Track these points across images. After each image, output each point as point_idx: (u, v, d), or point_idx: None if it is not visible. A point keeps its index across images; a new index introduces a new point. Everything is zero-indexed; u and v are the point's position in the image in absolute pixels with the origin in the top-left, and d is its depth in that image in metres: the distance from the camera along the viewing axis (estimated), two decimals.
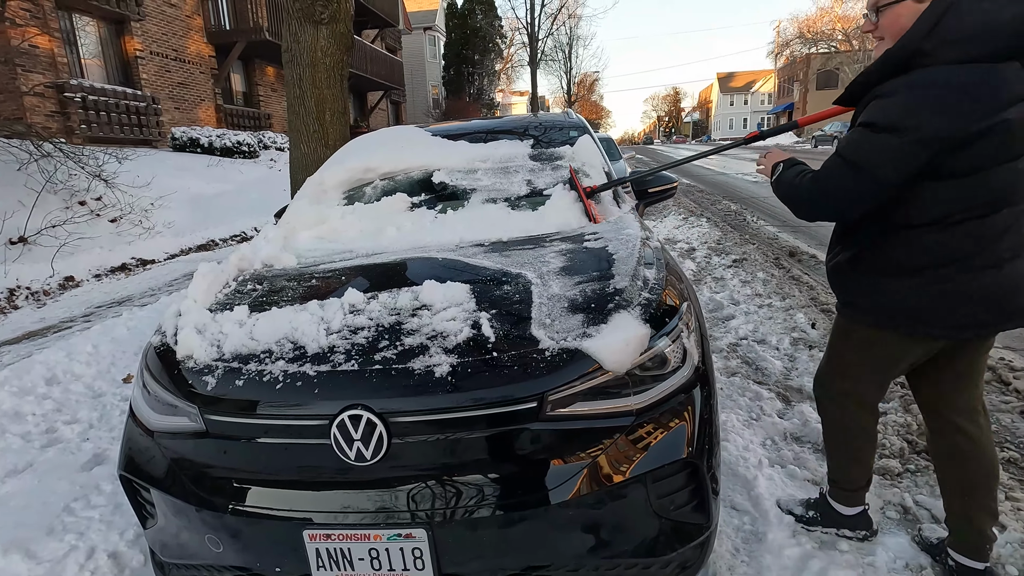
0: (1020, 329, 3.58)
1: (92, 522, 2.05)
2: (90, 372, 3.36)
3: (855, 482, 1.74)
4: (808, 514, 1.81)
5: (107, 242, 7.07)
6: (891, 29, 1.34)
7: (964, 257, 1.32)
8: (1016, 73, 1.21)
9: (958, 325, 1.39)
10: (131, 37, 11.50)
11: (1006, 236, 1.31)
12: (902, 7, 1.31)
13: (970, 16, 1.21)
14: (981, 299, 1.34)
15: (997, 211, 1.29)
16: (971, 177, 1.27)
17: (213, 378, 1.40)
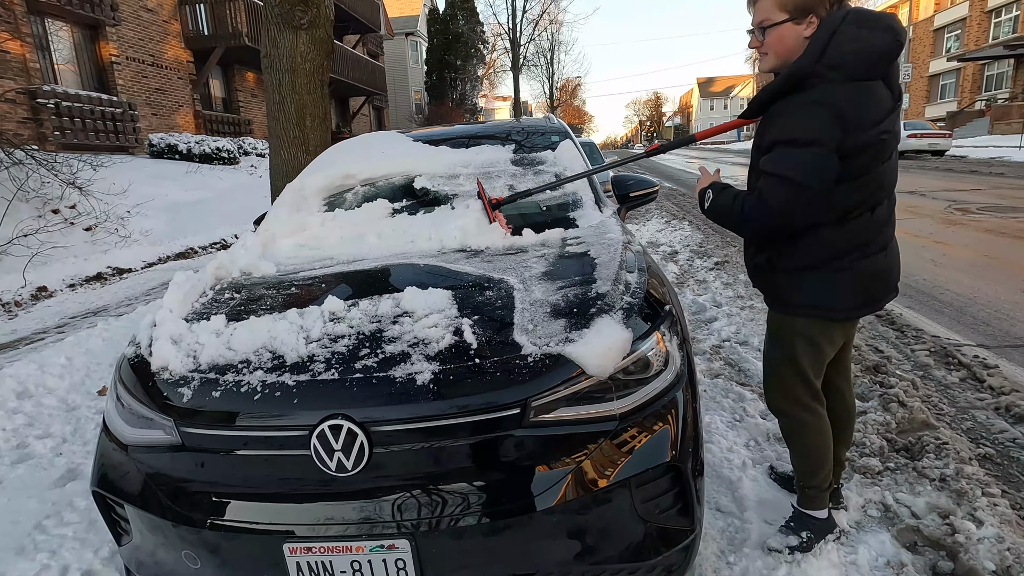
0: (995, 326, 3.67)
1: (65, 540, 1.98)
2: (63, 385, 3.27)
3: (828, 479, 1.76)
4: (803, 540, 1.73)
5: (82, 251, 6.92)
6: (775, 47, 1.48)
7: (863, 245, 1.52)
8: (884, 90, 1.43)
9: (866, 303, 1.59)
10: (106, 42, 11.31)
11: (888, 223, 1.56)
12: (784, 28, 1.45)
13: (848, 44, 1.37)
14: (875, 278, 1.56)
15: (881, 203, 1.52)
16: (863, 178, 1.45)
17: (189, 390, 1.37)
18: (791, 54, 1.46)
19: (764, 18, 1.47)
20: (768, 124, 1.49)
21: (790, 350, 1.64)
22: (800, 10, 1.42)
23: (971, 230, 6.61)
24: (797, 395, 1.68)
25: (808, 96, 1.40)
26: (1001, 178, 11.72)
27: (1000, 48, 25.04)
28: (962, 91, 30.18)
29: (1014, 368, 3.01)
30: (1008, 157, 16.11)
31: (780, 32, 1.45)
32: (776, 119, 1.46)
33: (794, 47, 1.45)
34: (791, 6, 1.42)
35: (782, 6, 1.43)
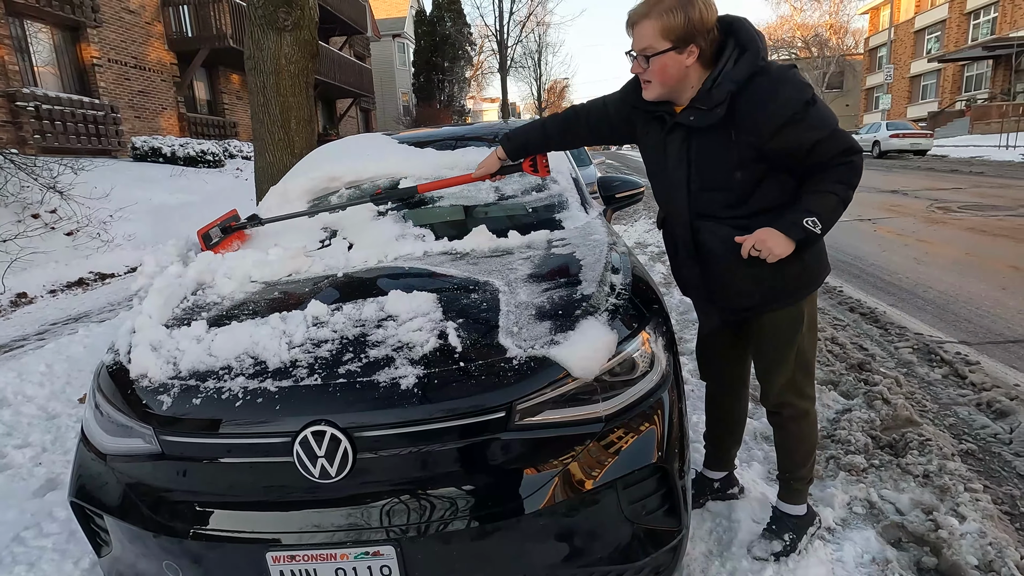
0: (976, 323, 3.73)
1: (44, 552, 1.94)
2: (43, 393, 3.21)
3: (813, 469, 1.80)
4: (786, 543, 1.73)
5: (63, 256, 6.80)
6: (659, 76, 1.44)
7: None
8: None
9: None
10: (87, 44, 11.14)
11: None
12: (667, 57, 1.41)
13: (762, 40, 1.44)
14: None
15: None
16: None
17: (169, 397, 1.35)
18: (676, 83, 1.44)
19: (647, 45, 1.42)
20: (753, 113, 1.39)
21: (798, 341, 1.62)
22: (682, 40, 1.39)
23: (952, 228, 6.72)
24: (802, 386, 1.68)
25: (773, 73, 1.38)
26: (981, 177, 11.92)
27: (979, 49, 25.53)
28: (943, 91, 30.70)
29: (995, 364, 3.06)
30: (988, 156, 16.41)
31: (663, 61, 1.41)
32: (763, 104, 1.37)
33: (678, 76, 1.43)
34: (673, 36, 1.39)
35: (665, 35, 1.39)
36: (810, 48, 36.85)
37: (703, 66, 1.43)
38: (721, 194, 1.51)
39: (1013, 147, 17.15)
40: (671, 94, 1.48)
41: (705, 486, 1.99)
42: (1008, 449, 2.30)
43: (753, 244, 1.44)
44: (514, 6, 28.89)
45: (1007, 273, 4.71)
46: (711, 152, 1.48)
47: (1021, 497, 2.01)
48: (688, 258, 1.62)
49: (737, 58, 1.40)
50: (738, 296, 1.59)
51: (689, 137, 1.50)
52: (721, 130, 1.44)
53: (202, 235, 1.83)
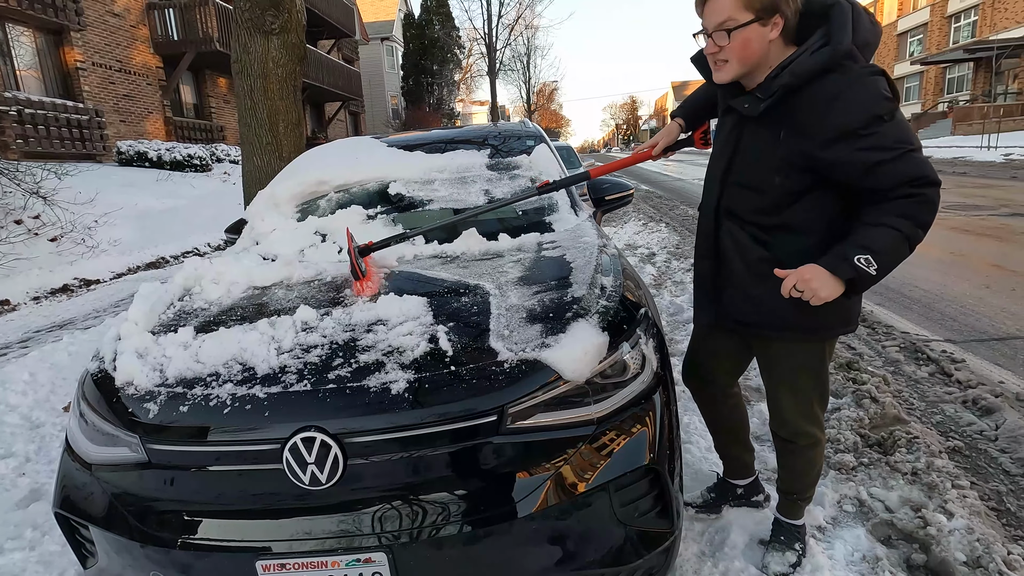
0: (961, 321, 3.77)
1: (29, 564, 1.91)
2: (27, 402, 3.16)
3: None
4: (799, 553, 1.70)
5: (47, 262, 6.70)
6: (740, 52, 1.29)
7: None
8: None
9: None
10: (71, 48, 11.01)
11: None
12: (750, 30, 1.26)
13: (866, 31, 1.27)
14: None
15: None
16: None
17: (155, 405, 1.33)
18: (757, 59, 1.30)
19: (727, 18, 1.26)
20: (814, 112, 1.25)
21: (823, 376, 1.54)
22: (767, 9, 1.24)
23: (937, 228, 6.78)
24: (818, 416, 1.60)
25: (852, 74, 1.22)
26: (964, 177, 12.11)
27: (960, 52, 25.95)
28: (925, 93, 31.18)
29: (980, 362, 3.10)
30: (970, 157, 16.67)
31: (745, 35, 1.26)
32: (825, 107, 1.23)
33: (759, 52, 1.29)
34: (758, 5, 1.24)
35: (748, 5, 1.24)
36: None
37: (785, 44, 1.29)
38: (754, 195, 1.38)
39: (994, 148, 17.44)
40: (748, 75, 1.33)
41: (728, 491, 1.90)
42: (994, 446, 2.33)
43: (795, 283, 1.26)
44: (503, 9, 28.95)
45: (990, 272, 4.78)
46: (756, 147, 1.36)
47: (1007, 493, 2.04)
48: (705, 252, 1.55)
49: (818, 48, 1.24)
50: (736, 307, 1.51)
51: (741, 124, 1.39)
52: (771, 125, 1.31)
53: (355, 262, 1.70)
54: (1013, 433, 2.36)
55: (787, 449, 1.66)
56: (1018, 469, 2.16)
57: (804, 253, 1.32)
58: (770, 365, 1.58)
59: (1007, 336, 3.43)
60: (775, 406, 1.61)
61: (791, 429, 1.60)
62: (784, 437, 1.63)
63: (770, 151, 1.33)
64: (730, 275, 1.49)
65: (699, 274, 1.62)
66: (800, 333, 1.45)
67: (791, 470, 1.68)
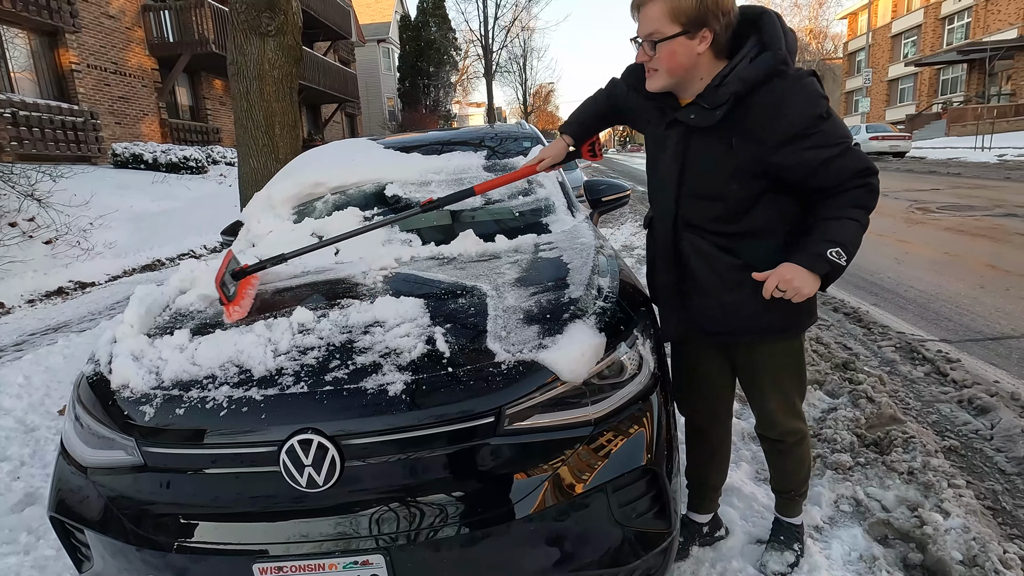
0: (956, 321, 3.78)
1: (23, 568, 1.90)
2: (21, 405, 3.14)
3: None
4: (797, 553, 1.71)
5: (41, 265, 6.67)
6: (667, 64, 1.31)
7: None
8: None
9: None
10: (66, 49, 10.98)
11: None
12: (677, 43, 1.28)
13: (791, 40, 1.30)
14: None
15: None
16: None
17: (151, 408, 1.32)
18: (684, 73, 1.31)
19: (654, 30, 1.28)
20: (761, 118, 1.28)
21: (803, 371, 1.57)
22: (694, 23, 1.25)
23: (932, 228, 6.85)
24: (800, 410, 1.62)
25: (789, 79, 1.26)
26: (958, 178, 12.18)
27: (954, 53, 26.11)
28: (920, 95, 31.36)
29: (975, 361, 3.12)
30: (964, 158, 16.76)
31: (672, 47, 1.28)
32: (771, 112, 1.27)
33: (687, 65, 1.30)
34: (684, 18, 1.25)
35: (674, 17, 1.25)
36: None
37: (716, 57, 1.30)
38: (712, 204, 1.38)
39: (988, 148, 17.55)
40: (677, 86, 1.35)
41: (694, 532, 1.81)
42: (989, 445, 2.34)
43: (777, 284, 1.28)
44: (499, 11, 29.04)
45: (985, 272, 4.80)
46: (708, 156, 1.36)
47: (1003, 492, 2.04)
48: (665, 265, 1.52)
49: (755, 56, 1.26)
50: (705, 318, 1.48)
51: (687, 136, 1.37)
52: (722, 134, 1.32)
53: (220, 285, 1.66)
54: (1008, 432, 2.37)
55: (776, 449, 1.67)
56: (1013, 468, 2.17)
57: (775, 254, 1.34)
58: (753, 370, 1.57)
59: (1002, 336, 3.45)
60: (763, 410, 1.61)
61: (780, 429, 1.61)
62: (773, 438, 1.64)
63: (723, 160, 1.33)
64: (696, 285, 1.46)
65: (660, 287, 1.57)
66: (778, 333, 1.47)
67: (783, 469, 1.70)
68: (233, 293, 1.65)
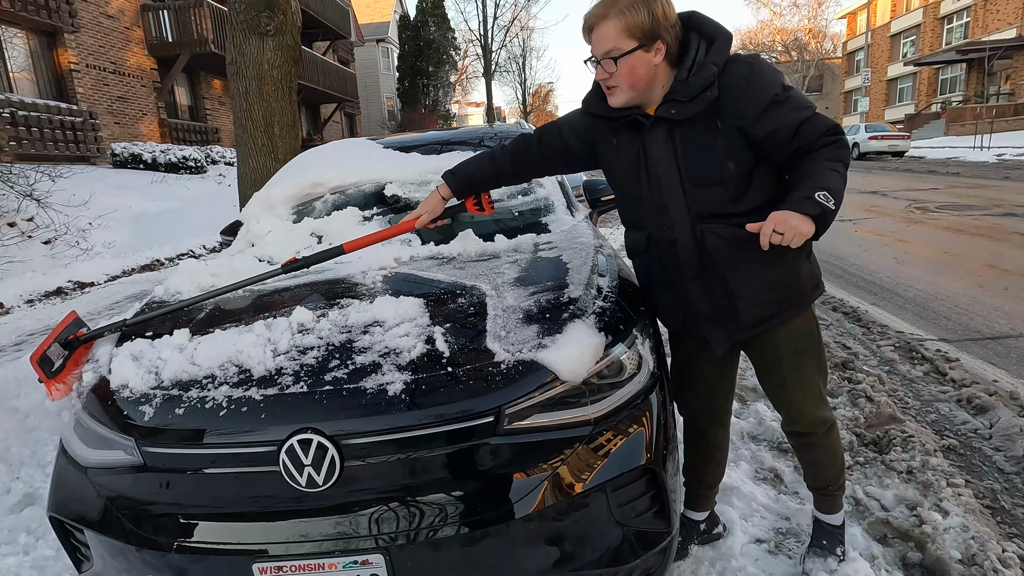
0: (955, 320, 3.79)
1: (23, 569, 1.90)
2: (20, 405, 3.13)
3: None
4: (840, 556, 1.67)
5: (40, 265, 6.67)
6: (628, 79, 1.35)
7: None
8: None
9: None
10: (65, 49, 10.97)
11: None
12: (635, 57, 1.32)
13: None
14: None
15: None
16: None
17: (151, 407, 1.32)
18: (645, 84, 1.36)
19: (611, 47, 1.32)
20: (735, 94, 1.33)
21: (822, 351, 1.55)
22: (649, 36, 1.31)
23: (931, 228, 6.85)
24: (825, 397, 1.58)
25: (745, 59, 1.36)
26: (957, 177, 12.19)
27: (953, 53, 26.13)
28: (919, 94, 31.37)
29: (973, 361, 3.12)
30: (963, 157, 16.78)
31: (631, 62, 1.32)
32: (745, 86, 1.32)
33: (647, 77, 1.35)
34: (640, 33, 1.30)
35: (630, 33, 1.30)
36: (790, 52, 37.48)
37: (669, 65, 1.37)
38: (718, 189, 1.39)
39: (987, 148, 17.56)
40: (640, 97, 1.39)
41: (691, 530, 1.82)
42: (988, 444, 2.35)
43: (774, 228, 1.27)
44: (498, 11, 29.05)
45: (983, 271, 4.81)
46: (698, 144, 1.38)
47: (1002, 491, 2.05)
48: (693, 272, 1.45)
49: (708, 48, 1.35)
50: (754, 306, 1.43)
51: (672, 133, 1.39)
52: (706, 119, 1.35)
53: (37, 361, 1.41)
54: (1007, 431, 2.37)
55: (806, 444, 1.64)
56: (1012, 467, 2.18)
57: None
58: (774, 361, 1.54)
59: (1001, 335, 3.45)
60: (787, 402, 1.58)
61: (808, 421, 1.58)
62: (801, 431, 1.61)
63: (712, 142, 1.37)
64: (736, 273, 1.41)
65: (689, 302, 1.50)
66: (797, 308, 1.48)
67: (816, 464, 1.66)
68: (59, 367, 1.43)
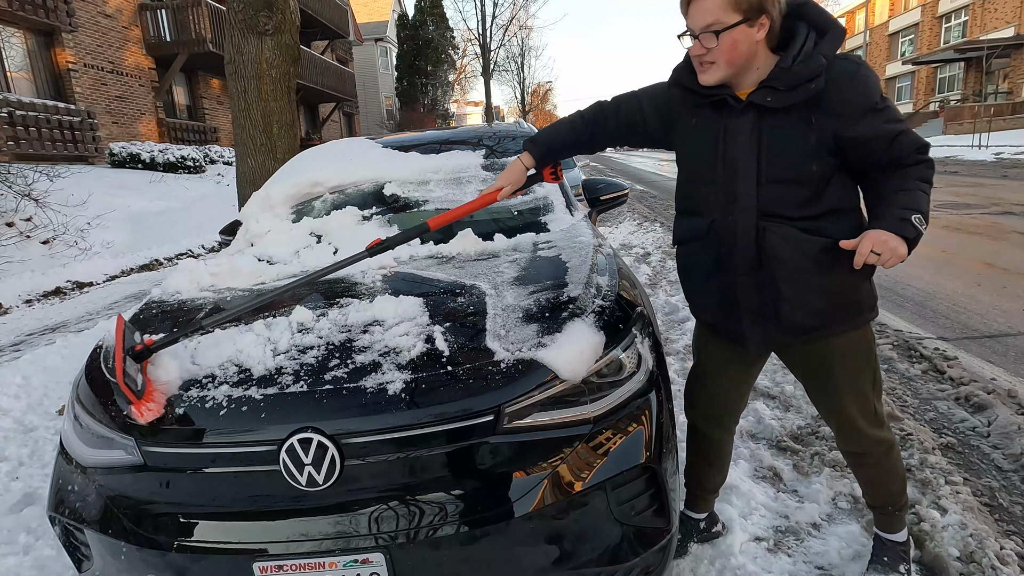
0: (953, 319, 3.79)
1: (23, 568, 1.90)
2: (19, 405, 3.14)
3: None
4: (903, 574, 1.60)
5: (39, 265, 6.66)
6: (728, 54, 1.27)
7: None
8: None
9: None
10: (62, 49, 10.94)
11: None
12: (738, 32, 1.25)
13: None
14: None
15: None
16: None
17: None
18: (744, 62, 1.29)
19: (713, 20, 1.25)
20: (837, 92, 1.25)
21: (877, 368, 1.49)
22: (755, 9, 1.24)
23: (929, 227, 6.85)
24: (882, 416, 1.51)
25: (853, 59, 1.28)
26: (955, 176, 12.20)
27: (951, 52, 26.16)
28: (917, 93, 31.41)
29: (971, 359, 3.13)
30: (961, 156, 16.80)
31: (733, 36, 1.25)
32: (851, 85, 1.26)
33: (747, 54, 1.28)
34: (745, 5, 1.23)
35: (735, 6, 1.24)
36: None
37: (769, 47, 1.30)
38: (793, 188, 1.32)
39: (985, 147, 17.59)
40: (734, 77, 1.32)
41: (691, 528, 1.81)
42: (986, 442, 2.35)
43: (872, 247, 1.22)
44: (496, 10, 29.01)
45: (982, 270, 4.82)
46: (786, 138, 1.30)
47: (1000, 489, 2.05)
48: (746, 266, 1.39)
49: (817, 39, 1.28)
50: (798, 311, 1.37)
51: (761, 121, 1.32)
52: (800, 113, 1.28)
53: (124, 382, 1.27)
54: (1005, 429, 2.38)
55: (862, 463, 1.57)
56: (1010, 465, 2.18)
57: (857, 229, 1.33)
58: (823, 371, 1.47)
59: (998, 333, 3.46)
60: (841, 421, 1.51)
61: (865, 440, 1.51)
62: (858, 452, 1.54)
63: (801, 139, 1.30)
64: (788, 277, 1.36)
65: (733, 296, 1.44)
66: (855, 322, 1.43)
67: (874, 482, 1.60)
68: (142, 385, 1.30)
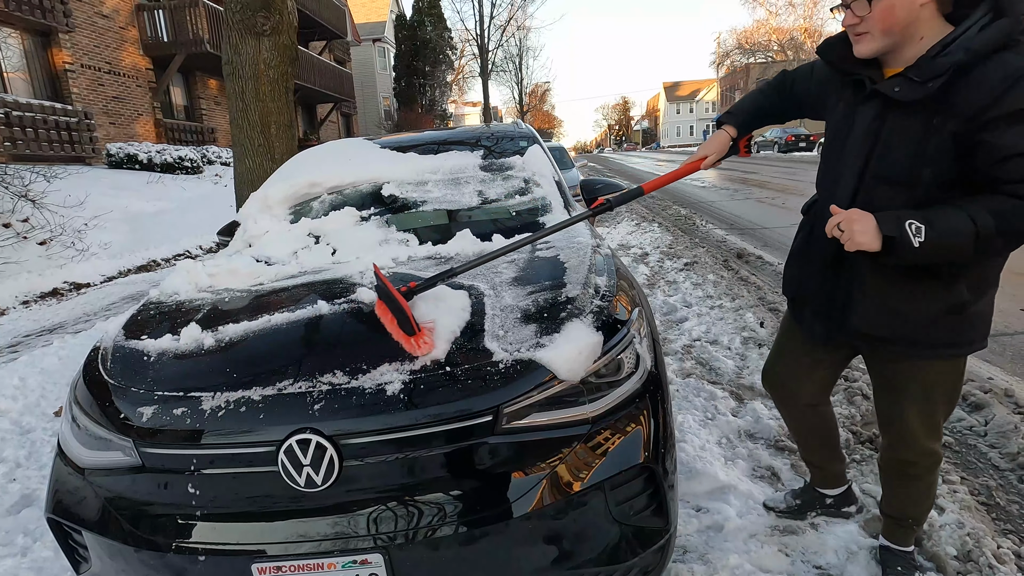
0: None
1: (21, 570, 1.89)
2: (16, 407, 3.13)
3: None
4: None
5: (36, 266, 6.64)
6: (883, 22, 1.15)
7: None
8: None
9: None
10: (59, 49, 10.91)
11: None
12: None
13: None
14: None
15: None
16: None
17: (149, 408, 1.32)
18: (902, 31, 1.16)
19: None
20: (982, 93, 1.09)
21: (957, 390, 1.43)
22: None
23: None
24: (940, 430, 1.48)
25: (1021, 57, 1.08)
26: None
27: None
28: None
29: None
30: None
31: (889, 1, 1.13)
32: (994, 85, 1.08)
33: (905, 20, 1.14)
34: None
35: None
36: (786, 51, 37.62)
37: (939, 12, 1.15)
38: (898, 191, 1.21)
39: None
40: (891, 48, 1.19)
41: (815, 499, 1.81)
42: (983, 441, 2.36)
43: (839, 222, 1.18)
44: (494, 10, 29.00)
45: None
46: (904, 136, 1.19)
47: (997, 488, 2.06)
48: (828, 258, 1.35)
49: (988, 23, 1.10)
50: (857, 317, 1.34)
51: (884, 112, 1.22)
52: (922, 112, 1.16)
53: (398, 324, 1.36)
54: (1002, 428, 2.39)
55: (904, 473, 1.52)
56: (1007, 464, 2.19)
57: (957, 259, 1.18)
58: (897, 384, 1.42)
59: (995, 333, 3.47)
60: (899, 428, 1.46)
61: (917, 449, 1.45)
62: (905, 459, 1.49)
63: (919, 140, 1.17)
64: (863, 284, 1.30)
65: (813, 286, 1.41)
66: (941, 349, 1.32)
67: (908, 496, 1.56)
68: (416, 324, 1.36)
